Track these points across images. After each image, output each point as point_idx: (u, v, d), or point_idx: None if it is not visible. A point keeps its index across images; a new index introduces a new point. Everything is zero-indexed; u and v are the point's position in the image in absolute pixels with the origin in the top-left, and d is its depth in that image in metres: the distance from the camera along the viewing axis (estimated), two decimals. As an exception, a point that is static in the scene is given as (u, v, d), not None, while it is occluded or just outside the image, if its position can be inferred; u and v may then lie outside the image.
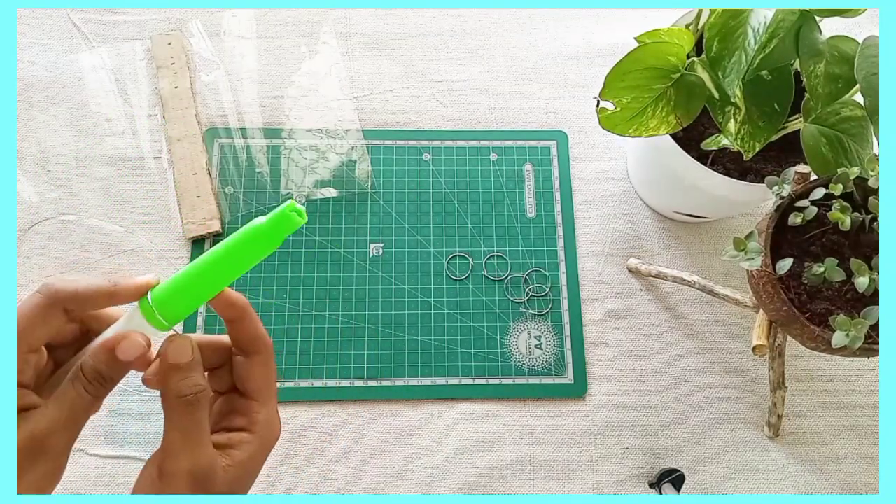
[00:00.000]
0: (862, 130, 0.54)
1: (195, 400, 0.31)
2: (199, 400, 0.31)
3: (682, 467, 0.64)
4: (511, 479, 0.64)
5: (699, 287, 0.64)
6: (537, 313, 0.70)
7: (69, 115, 0.75)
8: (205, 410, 0.31)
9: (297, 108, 0.77)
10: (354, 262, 0.71)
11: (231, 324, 0.34)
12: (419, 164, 0.75)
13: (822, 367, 0.70)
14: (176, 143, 0.73)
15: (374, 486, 0.63)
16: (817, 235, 0.54)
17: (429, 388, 0.67)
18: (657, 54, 0.54)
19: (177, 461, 0.30)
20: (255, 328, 0.34)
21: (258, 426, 0.33)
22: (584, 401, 0.67)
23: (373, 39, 0.81)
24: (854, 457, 0.66)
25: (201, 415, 0.31)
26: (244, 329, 0.34)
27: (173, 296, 0.31)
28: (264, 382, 0.34)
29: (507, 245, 0.72)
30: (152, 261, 0.70)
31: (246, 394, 0.34)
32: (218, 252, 0.31)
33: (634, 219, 0.75)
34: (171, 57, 0.77)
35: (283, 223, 0.31)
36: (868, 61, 0.50)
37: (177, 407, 0.31)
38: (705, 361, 0.69)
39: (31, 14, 0.79)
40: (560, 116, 0.78)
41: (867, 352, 0.50)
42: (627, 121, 0.55)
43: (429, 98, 0.79)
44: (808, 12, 0.51)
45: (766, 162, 0.61)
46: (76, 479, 0.62)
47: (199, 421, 0.31)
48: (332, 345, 0.68)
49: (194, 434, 0.31)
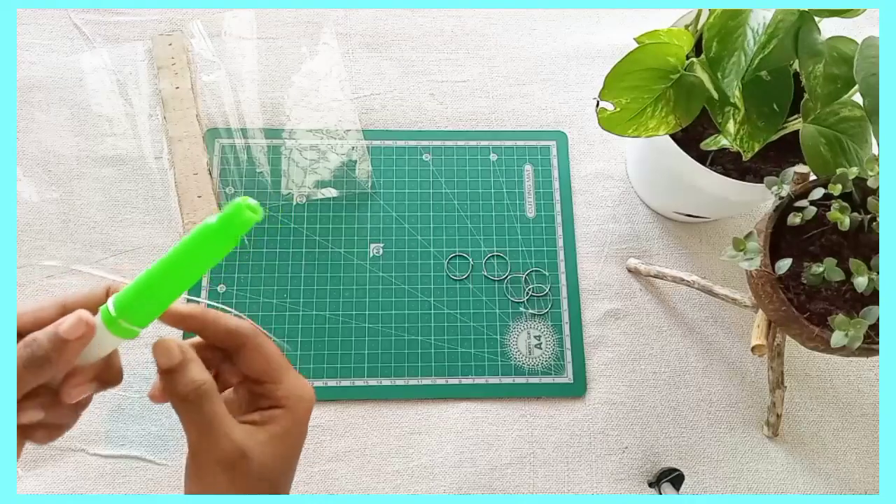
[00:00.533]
0: (861, 131, 0.55)
1: (196, 396, 0.31)
2: (200, 395, 0.31)
3: (681, 467, 0.64)
4: (510, 479, 0.64)
5: (698, 287, 0.64)
6: (537, 313, 0.70)
7: (70, 115, 0.75)
8: (213, 402, 0.32)
9: (297, 108, 0.77)
10: (354, 262, 0.71)
11: (199, 334, 0.34)
12: (419, 165, 0.75)
13: (821, 366, 0.70)
14: (177, 144, 0.73)
15: (374, 485, 0.64)
16: (816, 235, 0.54)
17: (429, 388, 0.67)
18: (657, 55, 0.54)
19: (201, 456, 0.31)
20: (224, 327, 0.34)
21: (284, 400, 0.34)
22: (583, 400, 0.67)
23: (373, 39, 0.81)
24: (853, 456, 0.67)
25: (210, 407, 0.31)
26: (213, 334, 0.34)
27: (130, 303, 0.30)
28: (266, 365, 0.34)
29: (506, 245, 0.72)
30: (153, 261, 0.70)
31: (257, 380, 0.34)
32: (171, 255, 0.31)
33: (634, 219, 0.75)
34: (172, 57, 0.77)
35: (234, 222, 0.30)
36: (867, 62, 0.50)
37: (182, 407, 0.32)
38: (704, 361, 0.69)
39: (32, 14, 0.79)
40: (560, 117, 0.79)
41: (866, 352, 0.50)
42: (627, 121, 0.55)
43: (429, 98, 0.79)
44: (808, 13, 0.51)
45: (766, 162, 0.61)
46: (77, 478, 0.62)
47: (210, 413, 0.31)
48: (333, 345, 0.68)
49: (208, 427, 0.31)
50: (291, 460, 0.34)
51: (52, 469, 0.62)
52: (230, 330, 0.34)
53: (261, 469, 0.32)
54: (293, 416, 0.34)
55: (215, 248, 0.30)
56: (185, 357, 0.32)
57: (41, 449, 0.63)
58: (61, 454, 0.63)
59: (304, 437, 0.35)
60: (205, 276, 0.69)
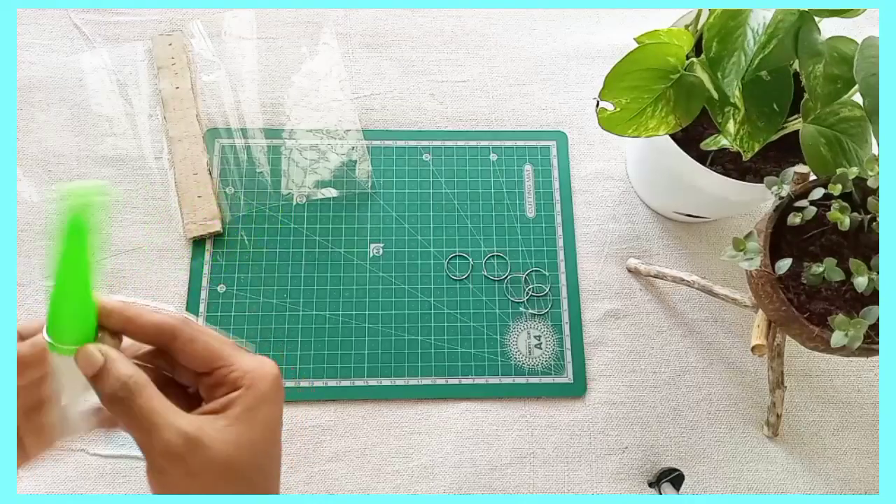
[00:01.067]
0: (861, 131, 0.55)
1: (125, 392, 0.30)
2: (129, 390, 0.30)
3: (681, 467, 0.64)
4: (510, 479, 0.64)
5: (698, 287, 0.64)
6: (537, 313, 0.70)
7: (70, 115, 0.75)
8: (144, 395, 0.30)
9: (297, 108, 0.77)
10: (354, 262, 0.71)
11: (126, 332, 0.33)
12: (419, 165, 0.75)
13: (821, 366, 0.70)
14: (177, 144, 0.73)
15: (374, 485, 0.64)
16: (816, 235, 0.54)
17: (429, 388, 0.67)
18: (656, 55, 0.54)
19: (149, 454, 0.30)
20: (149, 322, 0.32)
21: (240, 380, 0.31)
22: (583, 400, 0.67)
23: (373, 39, 0.81)
24: (853, 456, 0.67)
25: (143, 401, 0.30)
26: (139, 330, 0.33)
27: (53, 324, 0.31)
28: (206, 353, 0.32)
29: (506, 245, 0.72)
30: (153, 261, 0.70)
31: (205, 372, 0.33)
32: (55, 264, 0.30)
33: (634, 219, 0.75)
34: (172, 57, 0.77)
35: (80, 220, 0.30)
36: (867, 62, 0.50)
37: (115, 409, 0.30)
38: (704, 361, 0.69)
39: (32, 14, 0.79)
40: (560, 117, 0.79)
41: (866, 352, 0.50)
42: (627, 121, 0.55)
43: (429, 98, 0.79)
44: (808, 13, 0.51)
45: (766, 162, 0.61)
46: (77, 478, 0.62)
47: (144, 406, 0.30)
48: (332, 345, 0.68)
49: (146, 421, 0.30)
50: (265, 445, 0.31)
51: (52, 469, 0.62)
52: (155, 325, 0.32)
53: (224, 458, 0.29)
54: (255, 393, 0.31)
55: (78, 241, 0.30)
56: (107, 357, 0.31)
57: (41, 449, 0.63)
58: (61, 454, 0.63)
59: (276, 417, 0.32)
60: (205, 276, 0.69)
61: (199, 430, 0.30)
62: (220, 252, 0.70)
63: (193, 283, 0.69)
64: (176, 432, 0.29)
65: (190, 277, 0.69)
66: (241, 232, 0.71)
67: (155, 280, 0.69)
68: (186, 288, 0.69)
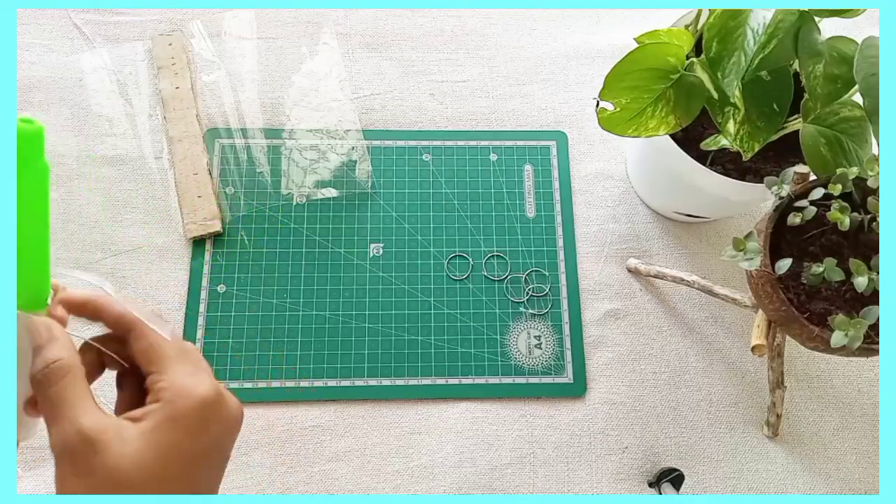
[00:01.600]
0: (861, 131, 0.55)
1: (44, 376, 0.29)
2: (48, 375, 0.29)
3: (681, 467, 0.64)
4: (510, 479, 0.64)
5: (698, 287, 0.64)
6: (537, 313, 0.70)
7: (70, 115, 0.75)
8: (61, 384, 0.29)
9: (297, 108, 0.77)
10: (354, 262, 0.71)
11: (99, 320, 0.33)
12: (419, 165, 0.75)
13: (821, 366, 0.70)
14: (177, 144, 0.73)
15: (374, 485, 0.64)
16: (816, 235, 0.54)
17: (429, 388, 0.67)
18: (656, 55, 0.54)
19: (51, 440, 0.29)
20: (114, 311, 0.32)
21: (161, 392, 0.30)
22: (583, 400, 0.67)
23: (373, 39, 0.81)
24: (853, 456, 0.67)
25: (57, 390, 0.29)
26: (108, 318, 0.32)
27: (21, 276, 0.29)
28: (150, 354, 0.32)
29: (506, 245, 0.72)
30: (153, 261, 0.70)
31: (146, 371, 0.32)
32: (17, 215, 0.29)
33: (634, 219, 0.75)
34: (172, 57, 0.77)
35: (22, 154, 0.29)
36: (867, 62, 0.50)
37: (35, 390, 0.30)
38: (704, 361, 0.69)
39: (32, 14, 0.79)
40: (559, 117, 0.79)
41: (866, 351, 0.50)
42: (627, 121, 0.55)
43: (429, 98, 0.79)
44: (808, 13, 0.51)
45: (766, 162, 0.61)
46: (77, 478, 0.62)
47: (56, 396, 0.29)
48: (332, 345, 0.68)
49: (54, 411, 0.29)
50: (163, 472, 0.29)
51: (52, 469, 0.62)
52: (118, 314, 0.32)
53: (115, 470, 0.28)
54: (169, 411, 0.30)
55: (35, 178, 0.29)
56: (49, 335, 0.30)
57: (41, 449, 0.63)
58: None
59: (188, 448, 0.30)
60: (205, 276, 0.69)
61: (100, 432, 0.28)
62: (220, 252, 0.70)
63: (193, 283, 0.69)
64: (75, 429, 0.28)
65: (190, 277, 0.69)
66: (241, 232, 0.71)
67: (155, 280, 0.69)
68: (186, 288, 0.69)
